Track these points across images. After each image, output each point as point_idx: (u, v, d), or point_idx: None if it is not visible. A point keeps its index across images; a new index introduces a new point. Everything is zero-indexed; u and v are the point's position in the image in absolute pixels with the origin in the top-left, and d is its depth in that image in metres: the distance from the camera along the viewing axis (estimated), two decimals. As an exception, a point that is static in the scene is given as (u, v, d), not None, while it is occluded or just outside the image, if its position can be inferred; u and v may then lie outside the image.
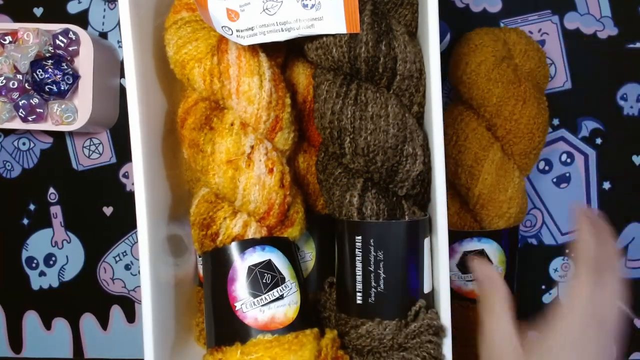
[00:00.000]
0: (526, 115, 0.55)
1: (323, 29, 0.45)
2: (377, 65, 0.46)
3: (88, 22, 0.66)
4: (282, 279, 0.47)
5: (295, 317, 0.46)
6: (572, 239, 0.65)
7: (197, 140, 0.47)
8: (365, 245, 0.47)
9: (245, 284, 0.45)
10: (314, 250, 0.55)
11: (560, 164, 0.65)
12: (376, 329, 0.47)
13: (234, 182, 0.46)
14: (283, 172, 0.48)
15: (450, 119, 0.58)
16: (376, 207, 0.47)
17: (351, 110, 0.47)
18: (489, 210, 0.56)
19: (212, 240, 0.47)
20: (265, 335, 0.44)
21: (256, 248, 0.46)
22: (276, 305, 0.45)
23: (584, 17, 0.64)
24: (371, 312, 0.47)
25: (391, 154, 0.46)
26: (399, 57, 0.46)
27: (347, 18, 0.45)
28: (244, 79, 0.46)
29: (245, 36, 0.45)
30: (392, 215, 0.47)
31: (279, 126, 0.48)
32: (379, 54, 0.46)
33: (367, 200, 0.47)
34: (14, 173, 0.68)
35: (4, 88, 0.60)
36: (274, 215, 0.47)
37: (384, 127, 0.46)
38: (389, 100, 0.46)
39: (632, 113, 0.65)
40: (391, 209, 0.47)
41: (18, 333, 0.69)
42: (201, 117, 0.47)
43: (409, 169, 0.46)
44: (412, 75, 0.47)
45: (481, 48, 0.56)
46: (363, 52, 0.46)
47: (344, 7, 0.45)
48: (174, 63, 0.49)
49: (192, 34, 0.48)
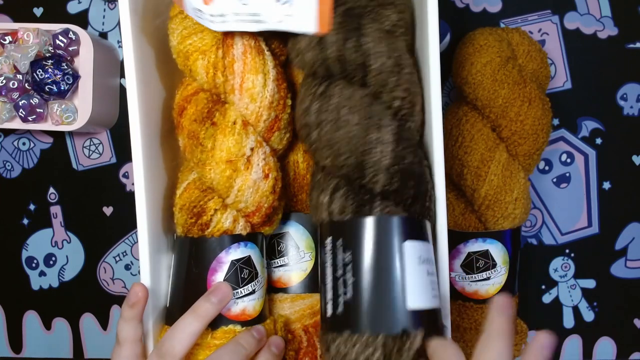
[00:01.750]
0: (531, 116, 0.55)
1: (292, 26, 0.45)
2: (346, 63, 0.46)
3: (88, 22, 0.66)
4: (256, 274, 0.49)
5: (261, 310, 0.49)
6: (571, 239, 0.66)
7: (197, 133, 0.47)
8: (334, 248, 0.44)
9: (225, 277, 0.47)
10: (314, 250, 0.55)
11: (560, 164, 0.65)
12: (343, 346, 0.41)
13: (230, 181, 0.46)
14: (277, 178, 0.48)
15: (455, 120, 0.58)
16: (343, 204, 0.44)
17: (316, 105, 0.46)
18: (495, 211, 0.56)
19: (201, 229, 0.47)
20: (235, 326, 0.47)
21: (240, 244, 0.48)
22: (248, 299, 0.48)
23: (584, 17, 0.64)
24: (340, 325, 0.42)
25: (356, 143, 0.44)
26: (371, 53, 0.45)
27: (320, 18, 0.45)
28: (248, 75, 0.47)
29: (216, 21, 0.45)
30: (358, 211, 0.43)
31: (277, 126, 0.48)
32: (347, 52, 0.46)
33: (336, 198, 0.45)
34: (14, 173, 0.68)
35: (4, 88, 0.60)
36: (260, 216, 0.49)
37: (345, 116, 0.45)
38: (355, 91, 0.46)
39: (632, 113, 0.65)
40: (359, 204, 0.44)
41: (18, 333, 0.69)
42: (203, 109, 0.47)
43: (378, 159, 0.44)
44: (389, 70, 0.46)
45: (486, 48, 0.56)
46: (330, 52, 0.46)
47: (319, 7, 0.45)
48: (177, 53, 0.49)
49: (198, 25, 0.48)
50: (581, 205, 0.65)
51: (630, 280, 0.65)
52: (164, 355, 0.42)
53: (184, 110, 0.48)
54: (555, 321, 0.66)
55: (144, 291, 0.45)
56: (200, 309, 0.44)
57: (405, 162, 0.44)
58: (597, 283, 0.66)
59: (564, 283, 0.66)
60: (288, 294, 0.54)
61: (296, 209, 0.55)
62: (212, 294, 0.45)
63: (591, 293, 0.66)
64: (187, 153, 0.49)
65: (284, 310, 0.53)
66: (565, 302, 0.66)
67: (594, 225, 0.65)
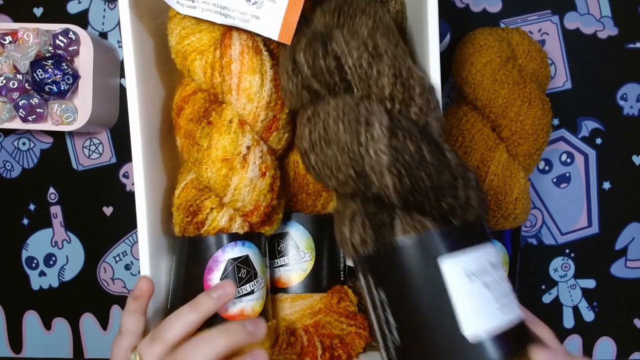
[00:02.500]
0: (531, 116, 0.55)
1: (257, 27, 0.45)
2: (323, 74, 0.44)
3: (88, 22, 0.66)
4: (255, 274, 0.48)
5: (260, 311, 0.48)
6: (571, 239, 0.66)
7: (194, 132, 0.47)
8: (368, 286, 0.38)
9: (222, 276, 0.47)
10: (314, 250, 0.55)
11: (560, 164, 0.65)
12: None
13: (226, 180, 0.46)
14: (274, 176, 0.48)
15: (455, 120, 0.58)
16: (362, 234, 0.39)
17: (306, 130, 0.43)
18: (495, 211, 0.56)
19: (197, 228, 0.47)
20: None
21: (237, 243, 0.48)
22: (247, 299, 0.47)
23: (584, 17, 0.64)
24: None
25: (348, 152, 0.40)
26: (340, 52, 0.43)
27: (283, 26, 0.45)
28: (245, 76, 0.47)
29: (184, 5, 0.46)
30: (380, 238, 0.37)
31: (275, 126, 0.48)
32: (319, 62, 0.43)
33: (355, 228, 0.39)
34: (14, 173, 0.68)
35: (4, 88, 0.60)
36: (258, 215, 0.48)
37: (332, 128, 0.41)
38: (342, 100, 0.43)
39: (632, 113, 0.65)
40: (378, 228, 0.38)
41: (18, 333, 0.68)
42: (199, 108, 0.48)
43: (376, 160, 0.38)
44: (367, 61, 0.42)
45: (486, 48, 0.56)
46: (305, 69, 0.44)
47: (285, 15, 0.45)
48: (176, 53, 0.49)
49: (196, 26, 0.48)
50: (581, 205, 0.65)
51: (630, 280, 0.65)
52: (155, 339, 0.42)
53: (182, 110, 0.48)
54: (555, 321, 0.66)
55: (149, 285, 0.45)
56: (199, 302, 0.44)
57: (408, 154, 0.38)
58: (597, 283, 0.66)
59: (564, 283, 0.66)
60: (288, 294, 0.54)
61: (296, 209, 0.55)
62: (214, 289, 0.45)
63: (591, 293, 0.66)
64: (185, 153, 0.49)
65: (284, 310, 0.53)
66: (565, 302, 0.66)
67: (594, 225, 0.65)
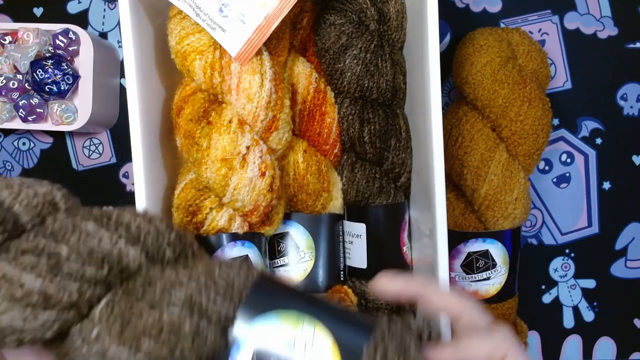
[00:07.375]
0: (531, 116, 0.55)
1: (220, 38, 0.46)
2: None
3: (88, 22, 0.66)
4: None
5: None
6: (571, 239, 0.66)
7: (193, 132, 0.47)
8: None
9: None
10: (314, 250, 0.55)
11: (560, 164, 0.65)
12: None
13: (225, 180, 0.46)
14: (274, 176, 0.48)
15: (455, 120, 0.58)
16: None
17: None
18: (495, 211, 0.56)
19: (196, 228, 0.47)
20: None
21: (237, 243, 0.48)
22: None
23: (584, 17, 0.64)
24: None
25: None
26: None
27: (244, 48, 0.45)
28: (245, 76, 0.47)
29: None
30: None
31: (275, 126, 0.48)
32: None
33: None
34: (14, 173, 0.68)
35: (4, 88, 0.60)
36: (257, 215, 0.48)
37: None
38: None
39: (632, 113, 0.65)
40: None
41: (18, 333, 0.68)
42: (199, 109, 0.47)
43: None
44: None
45: (486, 48, 0.56)
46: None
47: (249, 38, 0.45)
48: (175, 53, 0.49)
49: (196, 26, 0.48)
50: (581, 205, 0.65)
51: (630, 280, 0.65)
52: None
53: (182, 110, 0.48)
54: (555, 321, 0.66)
55: None
56: None
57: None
58: (597, 283, 0.66)
59: (564, 283, 0.66)
60: None
61: (296, 209, 0.55)
62: None
63: (591, 293, 0.66)
64: (184, 153, 0.49)
65: None
66: (565, 302, 0.66)
67: (594, 225, 0.65)
